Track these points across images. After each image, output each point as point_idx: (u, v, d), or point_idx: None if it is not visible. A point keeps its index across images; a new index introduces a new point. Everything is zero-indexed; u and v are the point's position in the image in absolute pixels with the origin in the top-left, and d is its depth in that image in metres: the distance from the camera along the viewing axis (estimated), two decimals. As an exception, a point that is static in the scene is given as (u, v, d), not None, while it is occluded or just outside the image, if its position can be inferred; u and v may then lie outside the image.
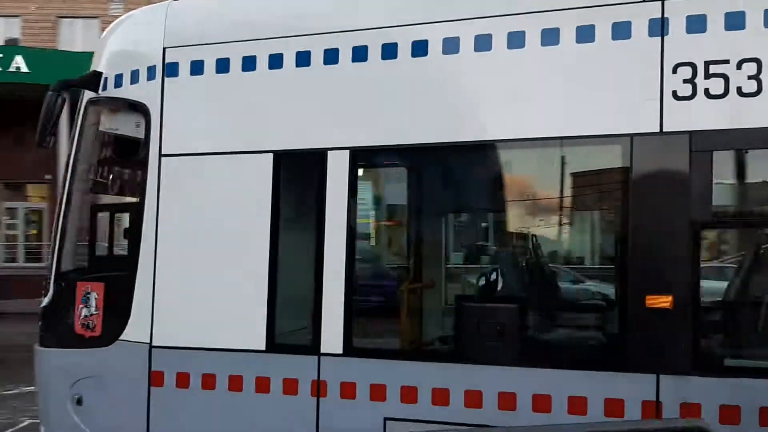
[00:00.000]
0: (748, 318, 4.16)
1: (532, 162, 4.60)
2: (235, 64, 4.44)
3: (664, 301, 3.46)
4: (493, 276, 5.03)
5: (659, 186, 3.59)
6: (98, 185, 5.28)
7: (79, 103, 5.15)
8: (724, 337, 4.16)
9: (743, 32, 3.51)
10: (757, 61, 3.44)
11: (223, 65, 4.48)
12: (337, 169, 4.09)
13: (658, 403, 3.49)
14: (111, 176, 5.18)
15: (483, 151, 4.15)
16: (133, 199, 4.74)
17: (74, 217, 5.18)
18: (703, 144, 3.51)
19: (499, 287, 4.70)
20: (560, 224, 5.39)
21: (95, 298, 4.90)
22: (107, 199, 5.02)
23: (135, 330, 4.59)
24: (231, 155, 4.43)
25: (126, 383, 4.61)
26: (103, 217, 5.09)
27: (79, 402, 4.92)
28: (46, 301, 5.38)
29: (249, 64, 4.41)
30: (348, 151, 4.09)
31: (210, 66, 4.50)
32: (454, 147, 4.00)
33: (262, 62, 4.37)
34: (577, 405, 3.59)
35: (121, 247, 4.95)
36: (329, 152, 4.12)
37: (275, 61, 4.34)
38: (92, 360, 4.86)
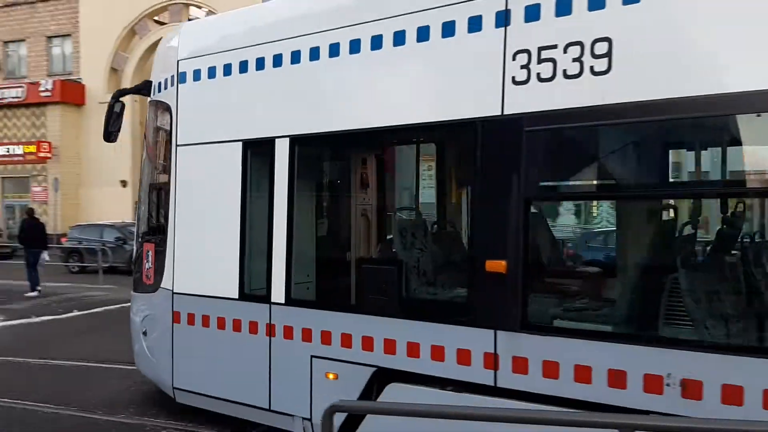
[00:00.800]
0: (573, 283, 4.37)
1: (411, 146, 5.73)
2: (219, 71, 5.59)
3: (499, 266, 3.95)
4: (383, 240, 5.87)
5: (498, 164, 4.05)
6: (158, 167, 6.77)
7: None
8: (551, 299, 4.50)
9: (570, 17, 3.77)
10: (581, 44, 3.71)
11: (212, 72, 5.64)
12: (285, 153, 5.13)
13: (496, 356, 4.03)
14: (162, 160, 6.58)
15: (362, 138, 5.04)
16: (167, 178, 6.13)
17: (146, 192, 6.87)
18: (534, 124, 3.87)
19: (390, 251, 5.52)
20: (424, 200, 6.36)
21: (150, 256, 6.46)
22: (163, 177, 6.48)
23: (167, 280, 6.05)
24: (217, 144, 5.65)
25: (163, 321, 6.05)
26: (156, 192, 6.63)
27: (145, 333, 6.56)
28: (134, 256, 7.20)
29: (226, 70, 5.54)
30: (288, 138, 5.10)
31: (204, 73, 5.70)
32: (350, 134, 4.90)
33: (235, 68, 5.49)
34: (437, 352, 4.29)
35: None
36: (279, 140, 5.16)
37: (243, 67, 5.43)
38: (149, 302, 6.43)
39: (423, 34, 4.36)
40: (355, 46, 4.72)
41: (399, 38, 4.48)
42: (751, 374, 3.22)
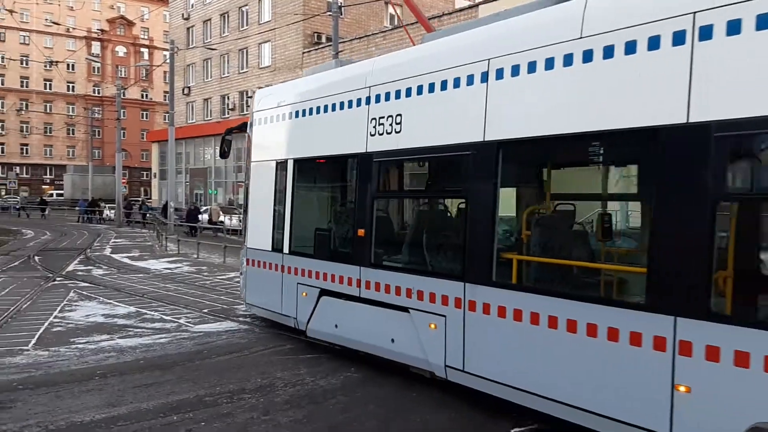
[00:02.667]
0: (395, 242, 7.75)
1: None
2: (266, 121, 9.53)
3: (361, 232, 7.42)
4: (332, 218, 9.02)
5: (363, 178, 7.51)
6: (246, 173, 10.51)
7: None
8: (384, 250, 7.43)
9: (385, 102, 7.22)
10: (391, 116, 7.11)
11: (263, 121, 9.59)
12: (291, 168, 8.88)
13: (360, 280, 7.39)
14: (249, 171, 10.23)
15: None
16: (248, 181, 10.25)
17: (244, 188, 10.70)
18: (381, 157, 7.30)
19: (327, 222, 8.97)
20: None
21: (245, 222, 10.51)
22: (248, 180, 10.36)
23: (246, 238, 10.12)
24: (264, 161, 9.56)
25: (243, 264, 10.17)
26: (246, 188, 10.44)
27: (241, 273, 10.46)
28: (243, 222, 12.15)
29: (269, 120, 9.45)
30: (293, 160, 8.89)
31: (261, 121, 9.66)
32: (323, 156, 8.65)
33: (272, 120, 9.39)
34: (342, 280, 7.68)
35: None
36: (289, 160, 8.94)
37: (275, 119, 9.29)
38: (242, 253, 10.30)
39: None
40: (326, 109, 8.19)
41: (351, 103, 7.79)
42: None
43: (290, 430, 5.65)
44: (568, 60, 5.19)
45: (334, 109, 7.94)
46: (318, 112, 8.23)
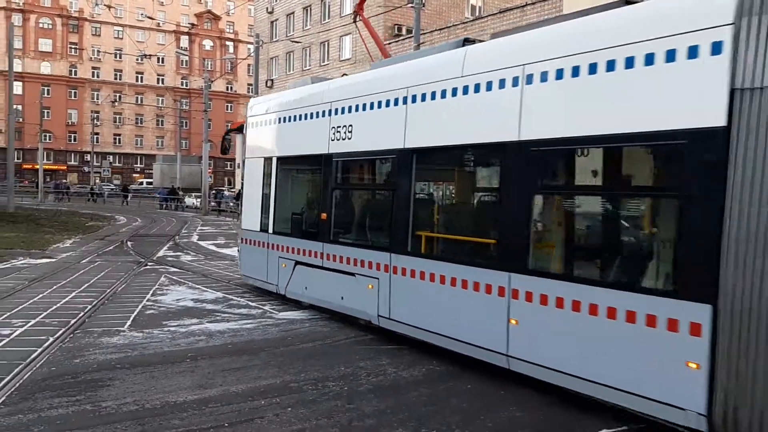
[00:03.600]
0: (347, 223, 9.77)
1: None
2: (256, 125, 11.92)
3: (324, 216, 9.71)
4: (309, 204, 10.92)
5: (325, 173, 9.81)
6: (243, 168, 12.58)
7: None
8: (340, 230, 9.60)
9: (343, 115, 9.41)
10: (346, 126, 9.28)
11: (254, 124, 11.99)
12: (275, 164, 11.21)
13: (322, 254, 9.63)
14: (243, 166, 12.47)
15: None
16: (243, 174, 12.52)
17: (240, 181, 13.18)
18: (338, 158, 9.56)
19: (305, 207, 10.99)
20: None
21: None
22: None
23: (241, 221, 12.57)
24: (254, 158, 11.91)
25: (239, 243, 12.61)
26: (242, 181, 12.88)
27: (238, 250, 12.94)
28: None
29: (258, 125, 11.85)
30: (276, 158, 11.23)
31: (252, 125, 12.04)
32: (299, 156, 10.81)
33: (260, 125, 11.78)
34: (311, 253, 9.97)
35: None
36: (273, 158, 11.29)
37: (263, 124, 11.72)
38: (238, 233, 12.67)
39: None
40: (300, 117, 10.53)
41: (311, 115, 10.26)
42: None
43: (375, 419, 5.69)
44: (453, 92, 7.42)
45: (306, 117, 10.24)
46: (295, 119, 10.60)
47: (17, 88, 72.37)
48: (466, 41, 7.95)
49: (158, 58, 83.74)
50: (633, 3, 5.98)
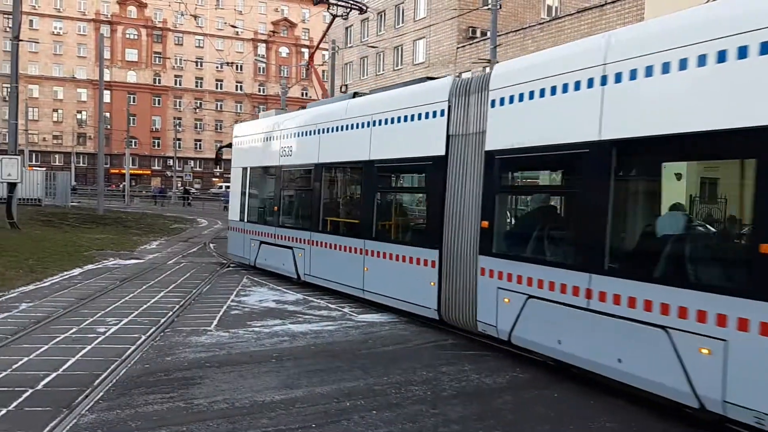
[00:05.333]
0: (289, 213, 13.99)
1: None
2: (239, 141, 16.58)
3: (275, 209, 14.30)
4: (274, 197, 14.73)
5: (278, 179, 14.38)
6: (231, 175, 17.43)
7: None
8: (285, 218, 13.99)
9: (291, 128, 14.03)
10: (289, 145, 13.98)
11: (237, 143, 16.66)
12: (249, 172, 15.85)
13: (274, 234, 14.22)
14: (231, 173, 17.19)
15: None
16: (231, 179, 17.41)
17: (231, 182, 17.82)
18: (287, 169, 14.04)
19: (275, 200, 14.70)
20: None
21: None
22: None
23: (229, 214, 17.38)
24: (238, 167, 16.38)
25: (231, 235, 17.20)
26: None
27: (227, 237, 18.15)
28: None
29: (241, 143, 16.48)
30: (249, 167, 15.89)
31: (237, 142, 16.63)
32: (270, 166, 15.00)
33: (243, 141, 16.36)
34: (279, 237, 13.95)
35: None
36: (247, 167, 16.00)
37: (245, 142, 16.25)
38: (228, 223, 17.78)
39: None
40: (263, 139, 15.20)
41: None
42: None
43: (461, 425, 5.63)
44: (341, 128, 11.81)
45: (267, 140, 14.85)
46: (261, 140, 15.17)
47: (106, 96, 76.06)
48: (356, 94, 12.24)
49: (237, 66, 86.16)
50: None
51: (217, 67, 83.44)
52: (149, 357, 7.60)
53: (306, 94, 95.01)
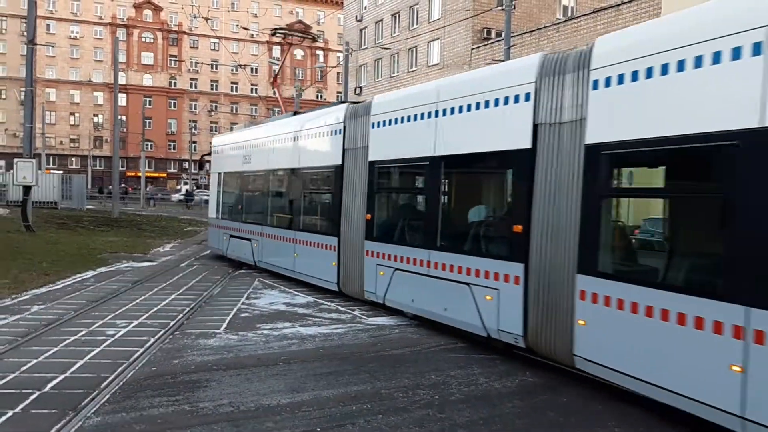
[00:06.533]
0: (250, 211, 16.44)
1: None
2: (218, 150, 19.24)
3: (240, 207, 17.25)
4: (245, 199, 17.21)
5: (244, 182, 17.05)
6: (209, 179, 20.75)
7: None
8: (247, 215, 16.49)
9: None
10: (257, 153, 16.37)
11: (215, 151, 19.52)
12: (223, 177, 18.49)
13: (239, 228, 16.86)
14: (209, 177, 20.67)
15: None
16: (210, 182, 20.31)
17: (210, 185, 20.80)
18: (253, 174, 16.60)
19: (246, 200, 17.11)
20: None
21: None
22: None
23: (209, 212, 20.01)
24: (215, 173, 19.33)
25: (210, 230, 20.05)
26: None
27: (208, 232, 21.20)
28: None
29: (219, 151, 19.11)
30: (223, 172, 18.60)
31: (215, 151, 19.48)
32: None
33: (222, 149, 18.97)
34: (244, 231, 16.61)
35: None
36: (222, 173, 18.65)
37: (222, 151, 19.01)
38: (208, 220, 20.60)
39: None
40: (233, 149, 18.16)
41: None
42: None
43: (468, 430, 5.56)
44: (287, 139, 14.34)
45: (233, 149, 17.55)
46: (230, 150, 17.92)
47: (122, 99, 76.78)
48: (296, 113, 14.83)
49: (252, 69, 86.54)
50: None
51: (232, 70, 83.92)
52: (157, 360, 7.59)
53: (321, 96, 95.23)
